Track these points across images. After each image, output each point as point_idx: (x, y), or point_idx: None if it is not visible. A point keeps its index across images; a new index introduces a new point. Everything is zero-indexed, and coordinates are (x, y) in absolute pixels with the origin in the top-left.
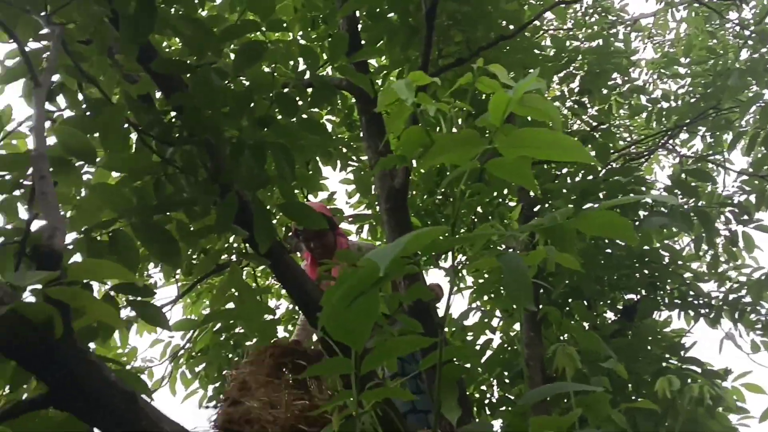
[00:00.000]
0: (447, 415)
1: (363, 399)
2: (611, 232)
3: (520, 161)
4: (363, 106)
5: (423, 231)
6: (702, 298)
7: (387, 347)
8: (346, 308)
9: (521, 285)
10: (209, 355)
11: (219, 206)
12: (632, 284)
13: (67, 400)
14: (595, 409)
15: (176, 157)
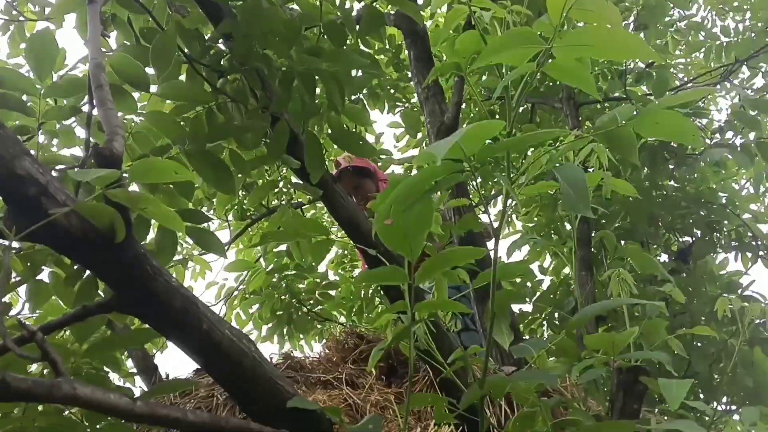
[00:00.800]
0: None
1: (416, 311)
2: (674, 135)
3: (579, 62)
4: (411, 42)
5: (479, 124)
6: (760, 239)
7: (441, 258)
8: (399, 215)
9: (579, 193)
10: (262, 296)
11: (271, 135)
12: (688, 225)
13: (131, 303)
14: (651, 334)
15: (227, 87)
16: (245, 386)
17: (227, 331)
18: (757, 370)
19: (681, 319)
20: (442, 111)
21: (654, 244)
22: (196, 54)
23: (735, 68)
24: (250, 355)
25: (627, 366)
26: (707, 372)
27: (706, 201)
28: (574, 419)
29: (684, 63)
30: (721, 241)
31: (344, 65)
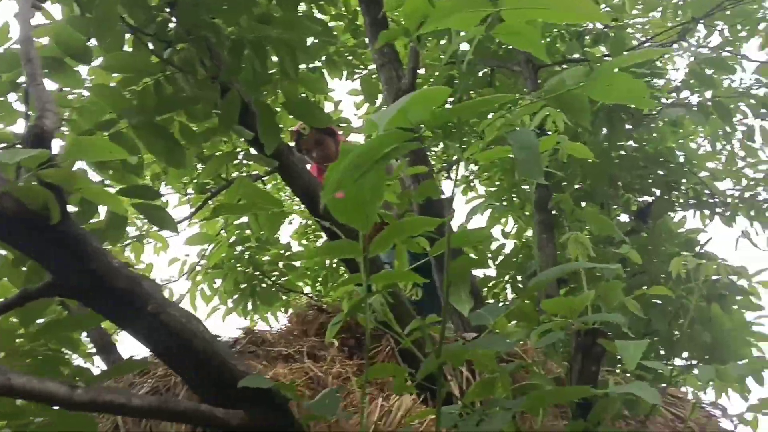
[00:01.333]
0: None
1: (372, 282)
2: (626, 97)
3: (528, 26)
4: (366, 7)
5: (424, 90)
6: (717, 196)
7: (396, 228)
8: (351, 185)
9: (532, 158)
10: (224, 269)
11: (221, 106)
12: (647, 185)
13: (70, 286)
14: (609, 297)
15: (174, 57)
16: (196, 367)
17: (175, 311)
18: (714, 325)
19: (641, 279)
20: (399, 77)
21: (614, 204)
22: (140, 23)
23: (691, 27)
24: (200, 335)
25: (585, 329)
26: (666, 329)
27: (665, 160)
28: (534, 383)
29: (642, 23)
30: (679, 199)
31: (295, 33)
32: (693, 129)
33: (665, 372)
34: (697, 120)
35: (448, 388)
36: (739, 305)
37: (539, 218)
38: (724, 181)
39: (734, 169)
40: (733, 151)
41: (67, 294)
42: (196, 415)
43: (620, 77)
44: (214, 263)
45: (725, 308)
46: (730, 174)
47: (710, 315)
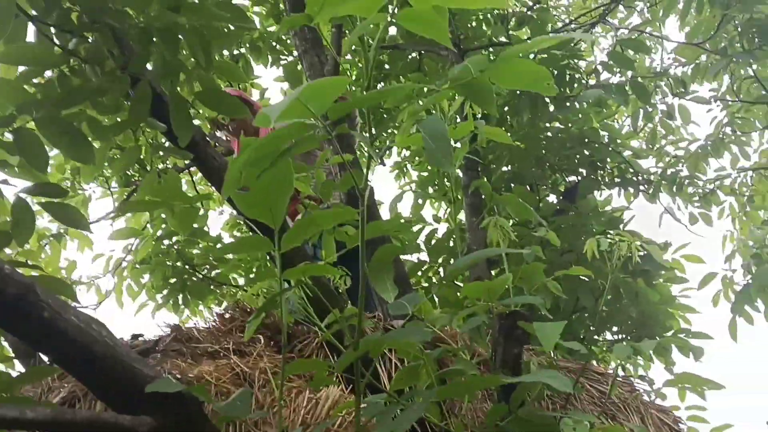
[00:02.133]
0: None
1: (287, 277)
2: (529, 83)
3: (434, 11)
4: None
5: (318, 82)
6: (641, 174)
7: (309, 220)
8: (254, 180)
9: (441, 147)
10: (152, 265)
11: (131, 98)
12: (573, 165)
13: None
14: (530, 278)
15: (80, 48)
16: (99, 374)
17: (73, 317)
18: (641, 300)
19: (568, 257)
20: (322, 63)
21: (542, 185)
22: (40, 12)
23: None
24: (102, 340)
25: (506, 311)
26: (593, 306)
27: (590, 141)
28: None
29: (565, 5)
30: (605, 178)
31: (206, 18)
32: (616, 109)
33: (584, 351)
34: (617, 100)
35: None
36: (664, 279)
37: (469, 201)
38: (647, 159)
39: (656, 148)
40: (655, 129)
41: None
42: (98, 424)
43: (523, 63)
44: (141, 258)
45: (649, 283)
46: (652, 152)
47: (636, 290)
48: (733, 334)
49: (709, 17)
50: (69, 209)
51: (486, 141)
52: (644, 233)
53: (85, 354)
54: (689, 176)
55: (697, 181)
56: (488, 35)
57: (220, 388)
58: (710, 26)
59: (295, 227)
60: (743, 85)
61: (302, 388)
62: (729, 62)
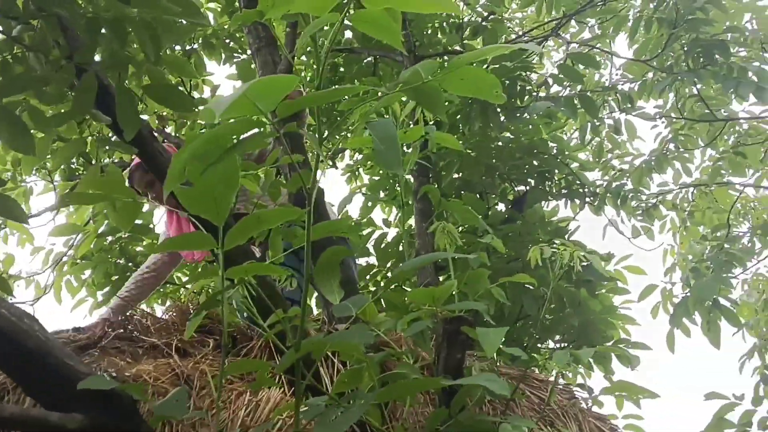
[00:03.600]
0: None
1: (229, 275)
2: (479, 90)
3: (386, 13)
4: None
5: (270, 77)
6: (587, 186)
7: (254, 219)
8: (199, 176)
9: (391, 149)
10: (94, 261)
11: (76, 88)
12: (522, 175)
13: None
14: (475, 284)
15: (25, 36)
16: (30, 370)
17: (4, 310)
18: (583, 309)
19: (515, 265)
20: (275, 62)
21: (491, 193)
22: None
23: (564, 22)
24: (34, 335)
25: (450, 317)
26: (537, 314)
27: (539, 151)
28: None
29: (519, 17)
30: (552, 189)
31: (157, 12)
32: (565, 122)
33: (524, 357)
34: (566, 113)
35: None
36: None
37: (418, 206)
38: (593, 172)
39: (602, 161)
40: (602, 143)
41: None
42: (25, 420)
43: (472, 71)
44: (82, 254)
45: (591, 293)
46: (598, 165)
47: (580, 299)
48: (670, 345)
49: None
50: (7, 200)
51: (437, 147)
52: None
53: (17, 348)
54: (633, 190)
55: (640, 195)
56: (443, 43)
57: (158, 388)
58: (657, 44)
59: (239, 225)
60: (687, 103)
61: (243, 390)
62: (674, 80)
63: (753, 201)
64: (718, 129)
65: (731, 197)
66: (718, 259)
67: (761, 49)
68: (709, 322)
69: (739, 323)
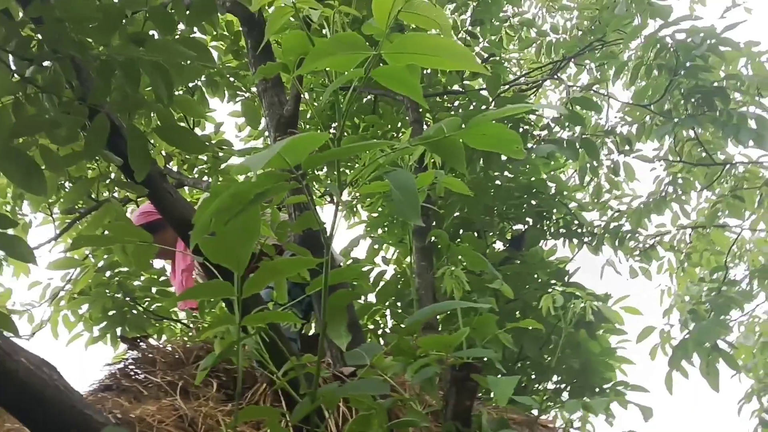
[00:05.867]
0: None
1: (246, 324)
2: (499, 146)
3: (407, 69)
4: (248, 30)
5: (301, 136)
6: (585, 227)
7: (271, 268)
8: (222, 227)
9: (409, 200)
10: (92, 295)
11: (88, 130)
12: (520, 214)
13: None
14: (483, 330)
15: (37, 76)
16: (47, 419)
17: (23, 359)
18: (582, 351)
19: (514, 305)
20: (281, 103)
21: (490, 232)
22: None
23: (563, 65)
24: (52, 384)
25: (459, 363)
26: (538, 355)
27: (537, 191)
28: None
29: (517, 58)
30: (550, 228)
31: (170, 56)
32: (563, 162)
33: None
34: (568, 155)
35: (323, 428)
36: (604, 330)
37: (418, 245)
38: (591, 212)
39: (600, 201)
40: (600, 183)
41: None
42: None
43: (494, 127)
44: (80, 289)
45: (591, 334)
46: (596, 205)
47: (578, 341)
48: (669, 386)
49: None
50: (15, 240)
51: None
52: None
53: (35, 397)
54: (631, 231)
55: (638, 236)
56: (443, 83)
57: (161, 431)
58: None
59: (257, 274)
60: (685, 147)
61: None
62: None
63: (749, 243)
64: (715, 172)
65: (728, 240)
66: (717, 302)
67: (757, 94)
68: (708, 365)
69: (737, 366)
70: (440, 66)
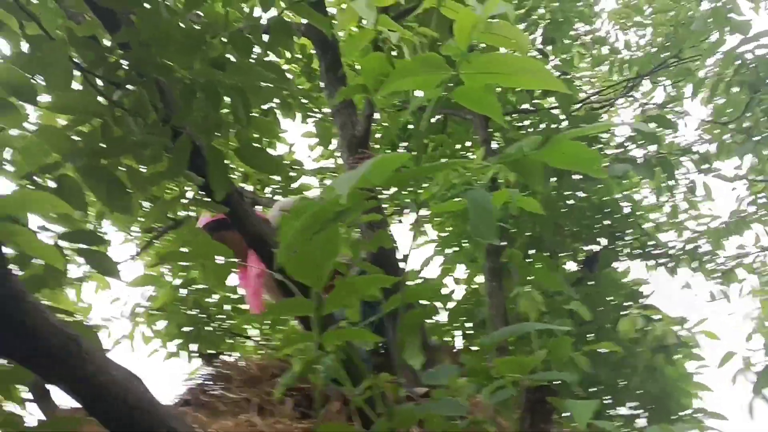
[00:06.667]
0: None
1: (324, 341)
2: (579, 164)
3: (486, 89)
4: (322, 53)
5: (384, 157)
6: (661, 247)
7: (348, 286)
8: (304, 244)
9: (486, 220)
10: (168, 312)
11: (171, 150)
12: (593, 235)
13: (3, 344)
14: (558, 352)
15: (124, 99)
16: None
17: (114, 372)
18: (659, 376)
19: (587, 327)
20: (353, 123)
21: (561, 252)
22: (89, 63)
23: (637, 82)
24: (140, 396)
25: (535, 386)
26: (612, 379)
27: (611, 211)
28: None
29: (589, 75)
30: (624, 249)
31: (249, 78)
32: (637, 181)
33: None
34: (643, 174)
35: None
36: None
37: (489, 265)
38: (667, 233)
39: (677, 222)
40: (676, 203)
41: (1, 353)
42: None
43: (574, 145)
44: (158, 305)
45: (669, 359)
46: (673, 226)
47: (655, 365)
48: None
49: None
50: (103, 257)
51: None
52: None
53: (125, 409)
54: (709, 252)
55: (717, 258)
56: (513, 102)
57: None
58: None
59: (335, 292)
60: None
61: None
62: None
63: None
64: None
65: None
66: None
67: None
68: None
69: None
70: (520, 85)
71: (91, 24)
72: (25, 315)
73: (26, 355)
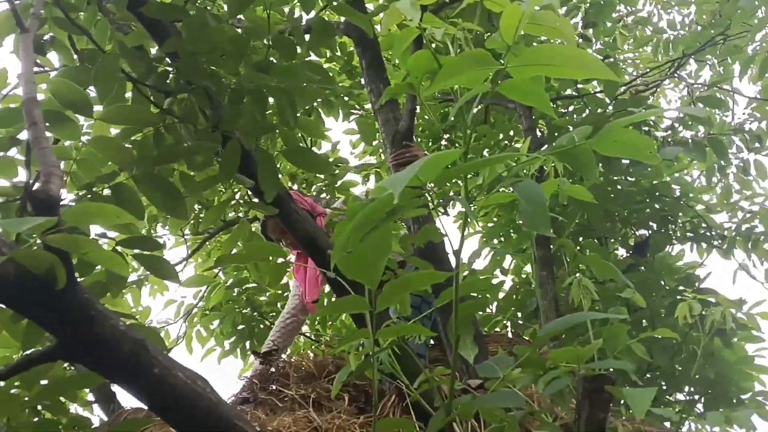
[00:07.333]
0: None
1: (379, 337)
2: (632, 152)
3: (534, 81)
4: (362, 50)
5: (435, 155)
6: (714, 229)
7: (401, 283)
8: (358, 243)
9: (539, 211)
10: (223, 311)
11: (221, 155)
12: (643, 219)
13: (75, 351)
14: (614, 341)
15: (174, 107)
16: (202, 429)
17: (180, 373)
18: (717, 360)
19: (641, 314)
20: (396, 119)
21: (611, 238)
22: (140, 74)
23: (683, 62)
24: (206, 396)
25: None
26: (669, 365)
27: (661, 194)
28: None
29: (632, 57)
30: (676, 233)
31: (294, 80)
32: (687, 163)
33: (674, 418)
34: (695, 156)
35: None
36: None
37: (539, 254)
38: (720, 215)
39: (730, 202)
40: (729, 184)
41: (71, 358)
42: None
43: (627, 133)
44: (212, 305)
45: (726, 343)
46: (726, 207)
47: (712, 350)
48: None
49: None
50: (160, 261)
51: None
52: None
53: (191, 409)
54: (765, 232)
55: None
56: (555, 88)
57: None
58: None
59: (389, 288)
60: None
61: None
62: None
63: None
64: None
65: None
66: None
67: None
68: None
69: None
70: (568, 75)
71: (139, 34)
72: (94, 322)
73: (97, 361)
